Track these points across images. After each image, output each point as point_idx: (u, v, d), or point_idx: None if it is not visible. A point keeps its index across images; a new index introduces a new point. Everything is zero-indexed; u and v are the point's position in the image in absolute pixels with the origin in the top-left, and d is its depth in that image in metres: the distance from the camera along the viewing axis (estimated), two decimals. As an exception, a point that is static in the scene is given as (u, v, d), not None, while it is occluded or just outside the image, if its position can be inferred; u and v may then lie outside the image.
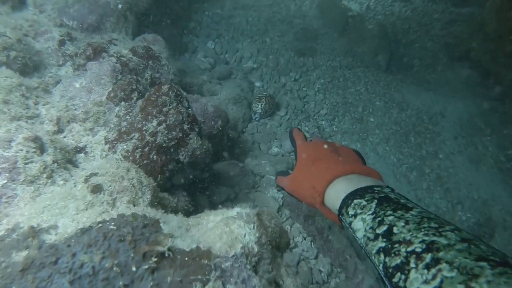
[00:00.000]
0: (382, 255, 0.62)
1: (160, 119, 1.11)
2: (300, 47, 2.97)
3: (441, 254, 0.52)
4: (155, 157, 1.12)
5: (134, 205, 0.81)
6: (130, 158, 1.09)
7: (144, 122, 1.12)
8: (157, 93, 1.15)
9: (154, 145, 1.11)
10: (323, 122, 2.42)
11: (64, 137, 1.26)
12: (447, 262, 0.51)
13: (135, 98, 1.33)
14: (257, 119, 2.25)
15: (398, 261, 0.58)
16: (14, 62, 1.34)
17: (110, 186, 0.82)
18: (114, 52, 1.54)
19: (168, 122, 1.12)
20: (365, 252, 0.68)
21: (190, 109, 1.20)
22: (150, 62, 1.58)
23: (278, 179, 1.17)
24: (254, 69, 2.68)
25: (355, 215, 0.73)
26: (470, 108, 2.62)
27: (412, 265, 0.55)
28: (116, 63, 1.49)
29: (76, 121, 1.30)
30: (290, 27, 3.23)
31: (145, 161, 1.09)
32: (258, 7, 3.37)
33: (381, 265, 0.61)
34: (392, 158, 2.26)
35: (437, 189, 2.14)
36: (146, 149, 1.10)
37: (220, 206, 1.59)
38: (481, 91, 2.87)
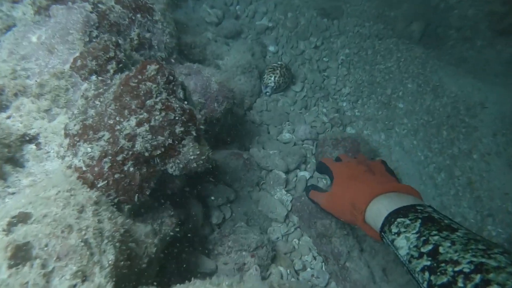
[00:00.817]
0: (427, 273, 0.64)
1: (141, 116, 0.76)
2: (324, 5, 2.49)
3: (491, 275, 0.53)
4: (131, 169, 0.78)
5: (82, 282, 0.50)
6: (95, 169, 0.76)
7: (118, 118, 0.77)
8: (140, 76, 0.78)
9: (130, 153, 0.77)
10: (344, 104, 2.05)
11: (8, 117, 0.91)
12: (498, 283, 0.52)
13: (111, 71, 0.96)
14: (268, 93, 1.88)
15: (445, 279, 0.59)
16: None
17: (45, 247, 0.50)
18: (89, -3, 1.13)
19: (152, 123, 0.77)
20: (408, 269, 0.71)
21: (186, 103, 0.84)
22: (138, 15, 1.18)
23: (312, 194, 1.19)
24: (268, 28, 2.24)
25: (398, 233, 0.75)
26: (513, 100, 2.26)
27: (460, 284, 0.56)
28: (91, 12, 1.09)
29: (28, 95, 0.94)
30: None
31: (116, 176, 0.76)
32: None
33: (426, 282, 0.63)
34: (419, 155, 1.94)
35: (466, 196, 1.86)
36: (119, 157, 0.77)
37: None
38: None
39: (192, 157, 0.81)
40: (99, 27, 1.11)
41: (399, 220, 0.77)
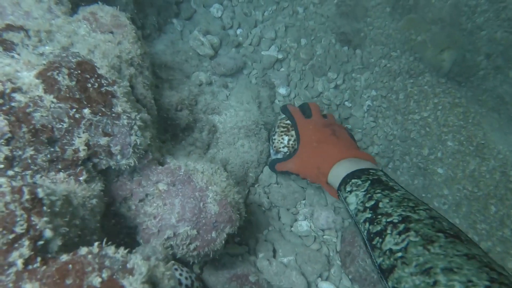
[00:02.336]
0: (367, 224, 0.79)
1: None
2: (344, 29, 2.02)
3: (411, 225, 0.70)
4: None
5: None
6: None
7: None
8: None
9: None
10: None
11: None
12: (414, 231, 0.69)
13: (19, 264, 0.49)
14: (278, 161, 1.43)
15: (379, 228, 0.75)
16: None
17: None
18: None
19: None
20: (355, 221, 0.85)
21: None
22: (86, 110, 0.70)
23: (279, 166, 1.26)
24: (278, 61, 1.76)
25: (350, 191, 0.91)
26: None
27: (388, 231, 0.72)
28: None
29: None
30: (331, -11, 2.22)
31: None
32: None
33: (366, 231, 0.79)
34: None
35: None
36: None
37: None
38: None
39: None
40: (14, 140, 0.63)
41: (353, 181, 0.92)
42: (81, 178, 0.70)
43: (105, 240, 0.54)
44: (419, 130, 1.73)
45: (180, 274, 0.87)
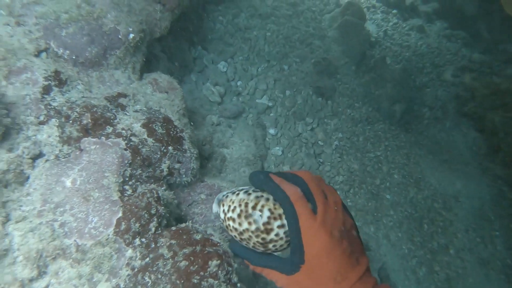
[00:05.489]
0: None
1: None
2: (318, 83, 2.61)
3: None
4: None
5: None
6: None
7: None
8: (202, 273, 0.78)
9: None
10: (338, 193, 2.14)
11: (47, 287, 0.86)
12: None
13: (153, 229, 0.94)
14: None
15: None
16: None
17: None
18: (123, 129, 1.11)
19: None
20: None
21: (239, 285, 0.85)
22: (170, 147, 1.16)
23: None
24: (268, 108, 2.29)
25: None
26: (481, 193, 2.49)
27: None
28: (125, 149, 1.07)
29: (67, 257, 0.89)
30: (309, 50, 2.83)
31: None
32: (277, 17, 2.90)
33: None
34: (404, 248, 2.07)
35: (445, 292, 2.00)
36: None
37: None
38: (489, 165, 2.76)
39: None
40: (132, 164, 1.08)
41: None
42: (162, 188, 1.16)
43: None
44: (373, 165, 2.29)
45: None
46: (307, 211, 0.67)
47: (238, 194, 0.73)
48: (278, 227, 0.67)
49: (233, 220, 0.71)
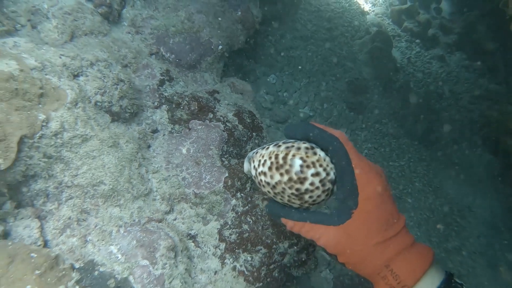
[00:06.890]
0: None
1: (292, 241, 1.10)
2: (351, 100, 2.97)
3: None
4: (276, 274, 1.11)
5: None
6: (255, 274, 1.08)
7: (275, 240, 1.10)
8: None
9: (279, 264, 1.11)
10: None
11: (175, 219, 1.22)
12: None
13: (248, 188, 1.30)
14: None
15: None
16: (124, 111, 1.23)
17: None
18: (221, 116, 1.49)
19: (299, 247, 1.11)
20: None
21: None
22: (254, 133, 1.54)
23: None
24: (310, 117, 2.66)
25: None
26: (493, 207, 2.78)
27: None
28: (223, 131, 1.44)
29: (187, 201, 1.25)
30: (343, 71, 3.21)
31: (268, 279, 1.09)
32: (316, 40, 3.31)
33: None
34: (422, 245, 2.36)
35: None
36: (272, 267, 1.10)
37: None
38: (501, 185, 3.04)
39: (313, 266, 1.15)
40: (227, 142, 1.45)
41: None
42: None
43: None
44: (398, 173, 2.62)
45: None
46: (357, 152, 0.66)
47: (267, 148, 0.73)
48: (312, 175, 0.64)
49: (264, 174, 0.69)
